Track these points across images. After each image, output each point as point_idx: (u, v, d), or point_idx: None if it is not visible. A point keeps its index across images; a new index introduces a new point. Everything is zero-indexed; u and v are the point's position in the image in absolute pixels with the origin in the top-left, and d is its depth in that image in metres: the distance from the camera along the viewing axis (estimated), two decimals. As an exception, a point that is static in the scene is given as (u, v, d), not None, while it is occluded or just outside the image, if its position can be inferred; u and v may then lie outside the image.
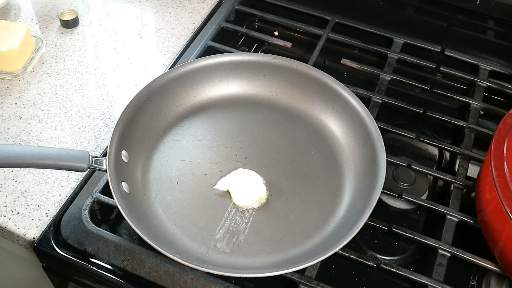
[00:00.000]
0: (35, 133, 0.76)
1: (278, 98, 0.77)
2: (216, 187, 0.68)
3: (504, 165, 0.59)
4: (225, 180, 0.68)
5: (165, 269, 0.62)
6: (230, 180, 0.68)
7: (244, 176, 0.68)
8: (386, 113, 0.80)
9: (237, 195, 0.67)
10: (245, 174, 0.69)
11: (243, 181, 0.67)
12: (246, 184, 0.67)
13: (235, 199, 0.67)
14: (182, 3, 0.97)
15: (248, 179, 0.68)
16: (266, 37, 0.91)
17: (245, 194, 0.66)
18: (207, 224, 0.65)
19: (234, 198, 0.67)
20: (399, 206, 0.73)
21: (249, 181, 0.68)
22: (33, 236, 0.66)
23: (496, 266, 0.63)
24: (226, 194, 0.68)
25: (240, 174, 0.69)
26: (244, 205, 0.66)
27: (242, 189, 0.67)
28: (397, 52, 0.87)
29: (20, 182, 0.71)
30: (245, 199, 0.66)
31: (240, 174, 0.69)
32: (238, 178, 0.68)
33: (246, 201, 0.66)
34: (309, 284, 0.61)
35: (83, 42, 0.89)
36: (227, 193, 0.68)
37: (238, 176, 0.68)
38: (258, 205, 0.67)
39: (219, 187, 0.68)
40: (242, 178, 0.68)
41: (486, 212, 0.63)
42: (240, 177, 0.68)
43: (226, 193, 0.68)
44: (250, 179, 0.68)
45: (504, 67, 0.87)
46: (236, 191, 0.67)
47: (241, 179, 0.68)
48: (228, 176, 0.68)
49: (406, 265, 0.67)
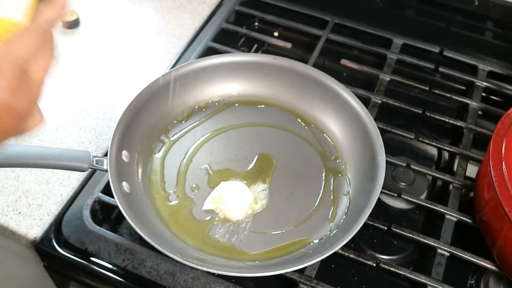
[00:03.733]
0: (37, 133, 0.76)
1: (278, 98, 0.78)
2: (204, 208, 0.66)
3: (502, 165, 0.59)
4: (210, 198, 0.66)
5: (165, 269, 0.62)
6: (216, 197, 0.66)
7: (229, 189, 0.67)
8: (385, 113, 0.80)
9: (227, 210, 0.65)
10: (229, 186, 0.67)
11: (229, 195, 0.66)
12: (233, 196, 0.66)
13: (227, 214, 0.65)
14: (183, 4, 0.97)
15: (234, 191, 0.67)
16: (266, 37, 0.91)
17: (235, 206, 0.65)
18: (207, 223, 0.66)
19: (226, 213, 0.65)
20: (398, 206, 0.73)
21: (235, 192, 0.67)
22: (34, 235, 0.66)
23: (495, 265, 0.64)
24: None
25: (224, 188, 0.67)
26: (238, 217, 0.65)
27: (231, 203, 0.65)
28: (396, 52, 0.88)
29: (22, 181, 0.71)
30: (237, 212, 0.65)
31: (224, 188, 0.67)
32: (223, 192, 0.66)
33: (238, 213, 0.65)
34: (309, 283, 0.61)
35: (84, 43, 0.89)
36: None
37: (223, 191, 0.67)
38: (251, 211, 0.66)
39: (207, 207, 0.66)
40: (228, 191, 0.67)
41: (485, 211, 0.63)
42: (225, 191, 0.67)
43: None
44: (235, 191, 0.67)
45: (503, 67, 0.87)
46: (225, 207, 0.65)
47: (226, 193, 0.66)
48: (213, 193, 0.67)
49: (405, 265, 0.67)
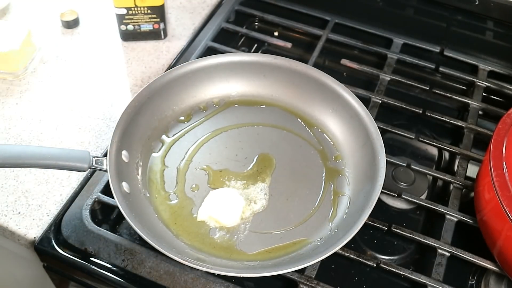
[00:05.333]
0: (36, 133, 0.76)
1: (278, 98, 0.78)
2: (199, 219, 0.65)
3: (503, 165, 0.59)
4: (202, 210, 0.66)
5: (165, 269, 0.62)
6: (207, 208, 0.66)
7: (219, 198, 0.66)
8: (385, 113, 0.80)
9: (221, 219, 0.65)
10: (218, 195, 0.67)
11: (220, 203, 0.66)
12: (224, 204, 0.66)
13: (222, 223, 0.65)
14: (183, 3, 0.97)
15: (224, 199, 0.66)
16: (266, 37, 0.91)
17: (228, 214, 0.65)
18: (207, 223, 0.65)
19: (221, 222, 0.65)
20: (399, 206, 0.73)
21: (225, 200, 0.66)
22: (34, 235, 0.66)
23: (495, 265, 0.63)
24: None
25: (214, 197, 0.67)
26: (233, 223, 0.65)
27: (223, 211, 0.65)
28: (397, 52, 0.88)
29: (21, 182, 0.71)
30: (231, 219, 0.65)
31: (214, 197, 0.67)
32: (214, 202, 0.66)
33: (232, 219, 0.65)
34: (309, 283, 0.61)
35: (83, 42, 0.89)
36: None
37: (213, 200, 0.66)
38: (249, 212, 0.66)
39: (200, 217, 0.65)
40: (218, 200, 0.66)
41: (485, 211, 0.63)
42: (216, 200, 0.66)
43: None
44: (225, 198, 0.66)
45: (503, 67, 0.87)
46: (218, 216, 0.65)
47: (217, 202, 0.66)
48: (203, 204, 0.66)
49: (406, 265, 0.67)
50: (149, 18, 0.86)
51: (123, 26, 0.87)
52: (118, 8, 0.84)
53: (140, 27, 0.87)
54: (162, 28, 0.88)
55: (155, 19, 0.86)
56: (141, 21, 0.86)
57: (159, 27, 0.88)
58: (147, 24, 0.87)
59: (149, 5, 0.84)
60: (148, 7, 0.84)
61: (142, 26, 0.87)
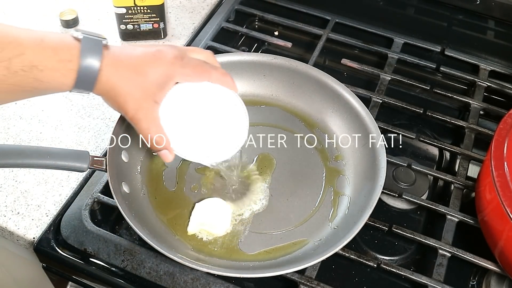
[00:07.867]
0: (35, 133, 0.76)
1: (278, 98, 0.77)
2: (190, 232, 0.64)
3: (504, 165, 0.59)
4: (192, 223, 0.65)
5: (165, 269, 0.62)
6: (197, 221, 0.65)
7: (205, 209, 0.66)
8: (386, 113, 0.80)
9: (213, 229, 0.65)
10: (204, 207, 0.66)
11: (208, 214, 0.65)
12: (213, 213, 0.65)
13: (213, 233, 0.64)
14: (182, 2, 0.97)
15: (211, 209, 0.66)
16: (266, 37, 0.91)
17: (218, 222, 0.65)
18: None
19: (213, 232, 0.64)
20: (399, 206, 0.73)
21: (212, 210, 0.66)
22: (33, 236, 0.66)
23: (496, 266, 0.63)
24: (225, 195, 0.68)
25: (200, 209, 0.66)
26: (225, 232, 0.65)
27: (213, 220, 0.65)
28: (397, 52, 0.87)
29: (20, 182, 0.71)
30: (222, 227, 0.65)
31: (200, 209, 0.66)
32: (201, 214, 0.66)
33: (224, 227, 0.65)
34: (309, 284, 0.61)
35: (83, 42, 0.89)
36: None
37: (200, 212, 0.66)
38: (249, 213, 0.66)
39: (191, 231, 0.65)
40: (205, 211, 0.66)
41: (487, 212, 0.63)
42: (203, 212, 0.66)
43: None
44: (212, 208, 0.66)
45: (504, 67, 0.87)
46: (210, 227, 0.65)
47: (204, 214, 0.65)
48: (192, 218, 0.65)
49: (406, 265, 0.67)
50: (149, 18, 0.86)
51: (123, 25, 0.86)
52: (118, 7, 0.84)
53: (140, 27, 0.87)
54: (162, 27, 0.88)
55: (154, 18, 0.86)
56: (140, 20, 0.86)
57: (159, 27, 0.88)
58: (147, 23, 0.87)
59: (149, 4, 0.84)
60: (148, 7, 0.84)
61: (141, 26, 0.87)
